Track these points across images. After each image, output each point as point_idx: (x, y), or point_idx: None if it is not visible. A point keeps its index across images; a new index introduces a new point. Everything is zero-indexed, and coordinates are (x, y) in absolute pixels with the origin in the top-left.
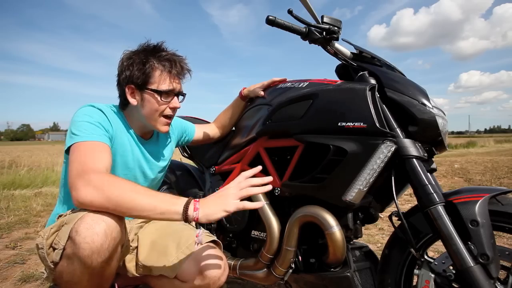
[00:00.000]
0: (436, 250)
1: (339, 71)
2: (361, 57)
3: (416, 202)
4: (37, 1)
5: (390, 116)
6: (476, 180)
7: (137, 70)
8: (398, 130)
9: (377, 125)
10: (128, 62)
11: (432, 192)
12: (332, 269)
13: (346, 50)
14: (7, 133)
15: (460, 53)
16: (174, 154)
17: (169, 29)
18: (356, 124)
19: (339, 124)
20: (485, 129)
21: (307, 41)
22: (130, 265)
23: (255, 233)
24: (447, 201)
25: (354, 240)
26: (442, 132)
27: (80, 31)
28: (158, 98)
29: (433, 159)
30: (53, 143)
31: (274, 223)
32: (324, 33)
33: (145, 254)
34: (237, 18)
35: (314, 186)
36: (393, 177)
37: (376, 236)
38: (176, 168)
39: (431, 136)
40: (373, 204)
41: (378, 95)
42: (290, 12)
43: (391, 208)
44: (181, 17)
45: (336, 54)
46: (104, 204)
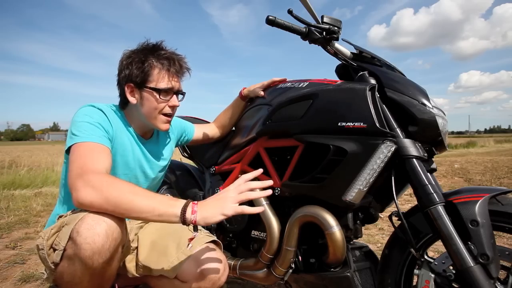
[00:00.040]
0: (436, 250)
1: (339, 71)
2: (361, 57)
3: (416, 202)
4: (37, 1)
5: (390, 116)
6: (476, 180)
7: (136, 69)
8: (398, 130)
9: (377, 125)
10: (127, 61)
11: (432, 192)
12: (332, 269)
13: (346, 50)
14: (7, 133)
15: (460, 53)
16: (174, 154)
17: (169, 29)
18: (356, 124)
19: (339, 124)
20: (485, 129)
21: (307, 41)
22: (130, 266)
23: (255, 233)
24: (447, 201)
25: (354, 240)
26: (442, 132)
27: (80, 31)
28: (157, 96)
29: (433, 159)
30: (53, 143)
31: (274, 223)
32: (324, 33)
33: (145, 255)
34: (237, 18)
35: (314, 186)
36: (393, 177)
37: (376, 236)
38: (176, 168)
39: (431, 136)
40: (373, 204)
41: (378, 95)
42: (290, 12)
43: (391, 208)
44: (181, 17)
45: (336, 54)
46: (103, 205)
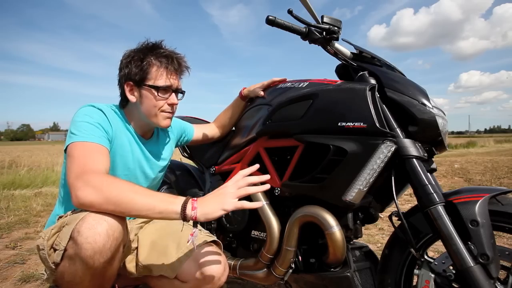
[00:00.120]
0: (436, 250)
1: (339, 71)
2: (361, 57)
3: (416, 202)
4: (37, 1)
5: (390, 116)
6: (476, 180)
7: (135, 67)
8: (398, 130)
9: (377, 125)
10: (127, 60)
11: (432, 192)
12: (332, 269)
13: (346, 50)
14: (7, 133)
15: (460, 53)
16: (174, 154)
17: (169, 29)
18: (356, 124)
19: (339, 124)
20: (485, 129)
21: (307, 41)
22: (130, 266)
23: (255, 233)
24: (447, 201)
25: (354, 240)
26: (442, 132)
27: (80, 31)
28: (156, 94)
29: (433, 159)
30: (53, 143)
31: (274, 223)
32: (324, 33)
33: (145, 255)
34: (237, 18)
35: (314, 186)
36: (393, 177)
37: (376, 236)
38: (176, 168)
39: (431, 136)
40: (373, 204)
41: (378, 95)
42: (290, 12)
43: (391, 208)
44: (181, 17)
45: (336, 54)
46: (103, 205)
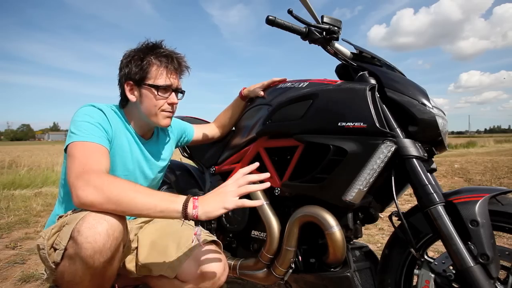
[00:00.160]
0: (436, 250)
1: (339, 71)
2: (361, 57)
3: (416, 202)
4: (37, 1)
5: (390, 116)
6: (476, 180)
7: (135, 66)
8: (398, 130)
9: (377, 125)
10: (127, 60)
11: (432, 192)
12: (332, 269)
13: (346, 50)
14: (7, 133)
15: (460, 53)
16: (174, 154)
17: (169, 29)
18: (356, 124)
19: (339, 124)
20: (485, 129)
21: (307, 41)
22: (130, 266)
23: (255, 233)
24: (447, 201)
25: (354, 240)
26: (442, 132)
27: (80, 31)
28: (156, 93)
29: (433, 159)
30: (53, 143)
31: (274, 223)
32: (324, 33)
33: (145, 254)
34: (237, 18)
35: (314, 186)
36: (393, 177)
37: (376, 236)
38: (176, 168)
39: (431, 136)
40: (373, 204)
41: (378, 95)
42: (290, 12)
43: (391, 208)
44: (181, 17)
45: (336, 54)
46: (104, 204)
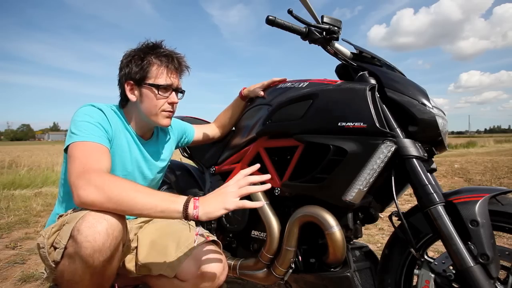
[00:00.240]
0: (436, 250)
1: (339, 71)
2: (361, 57)
3: (416, 202)
4: (37, 1)
5: (390, 116)
6: (476, 180)
7: (135, 66)
8: (398, 130)
9: (377, 125)
10: (127, 59)
11: (432, 192)
12: (332, 269)
13: (346, 50)
14: (7, 133)
15: (460, 53)
16: (174, 154)
17: (169, 29)
18: (356, 124)
19: (339, 124)
20: (485, 129)
21: (307, 41)
22: (130, 265)
23: (255, 233)
24: (447, 201)
25: (354, 240)
26: (442, 132)
27: (80, 31)
28: (156, 92)
29: (433, 159)
30: (53, 143)
31: (274, 223)
32: (324, 33)
33: (145, 254)
34: (237, 18)
35: (314, 186)
36: (393, 177)
37: (376, 236)
38: (176, 168)
39: (431, 136)
40: (373, 204)
41: (378, 95)
42: (290, 12)
43: (391, 208)
44: (181, 17)
45: (336, 54)
46: (105, 204)
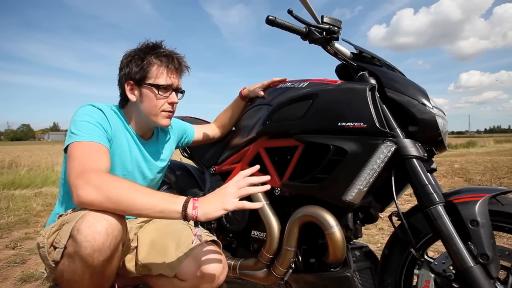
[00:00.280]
0: (436, 250)
1: (339, 71)
2: (361, 57)
3: (416, 202)
4: (37, 1)
5: (390, 116)
6: (476, 180)
7: (135, 66)
8: (398, 130)
9: (377, 125)
10: (127, 60)
11: (432, 192)
12: (332, 269)
13: (346, 50)
14: (7, 133)
15: (460, 53)
16: (174, 154)
17: (169, 29)
18: (356, 124)
19: (339, 124)
20: (485, 129)
21: (307, 41)
22: (130, 265)
23: (255, 233)
24: (447, 201)
25: (354, 240)
26: (442, 132)
27: (80, 31)
28: (156, 92)
29: (433, 159)
30: (53, 143)
31: (274, 223)
32: (324, 33)
33: (145, 254)
34: (237, 18)
35: (314, 186)
36: (393, 177)
37: (376, 236)
38: (176, 168)
39: (431, 136)
40: (373, 204)
41: (378, 95)
42: (290, 12)
43: (391, 208)
44: (181, 17)
45: (336, 54)
46: (104, 203)
